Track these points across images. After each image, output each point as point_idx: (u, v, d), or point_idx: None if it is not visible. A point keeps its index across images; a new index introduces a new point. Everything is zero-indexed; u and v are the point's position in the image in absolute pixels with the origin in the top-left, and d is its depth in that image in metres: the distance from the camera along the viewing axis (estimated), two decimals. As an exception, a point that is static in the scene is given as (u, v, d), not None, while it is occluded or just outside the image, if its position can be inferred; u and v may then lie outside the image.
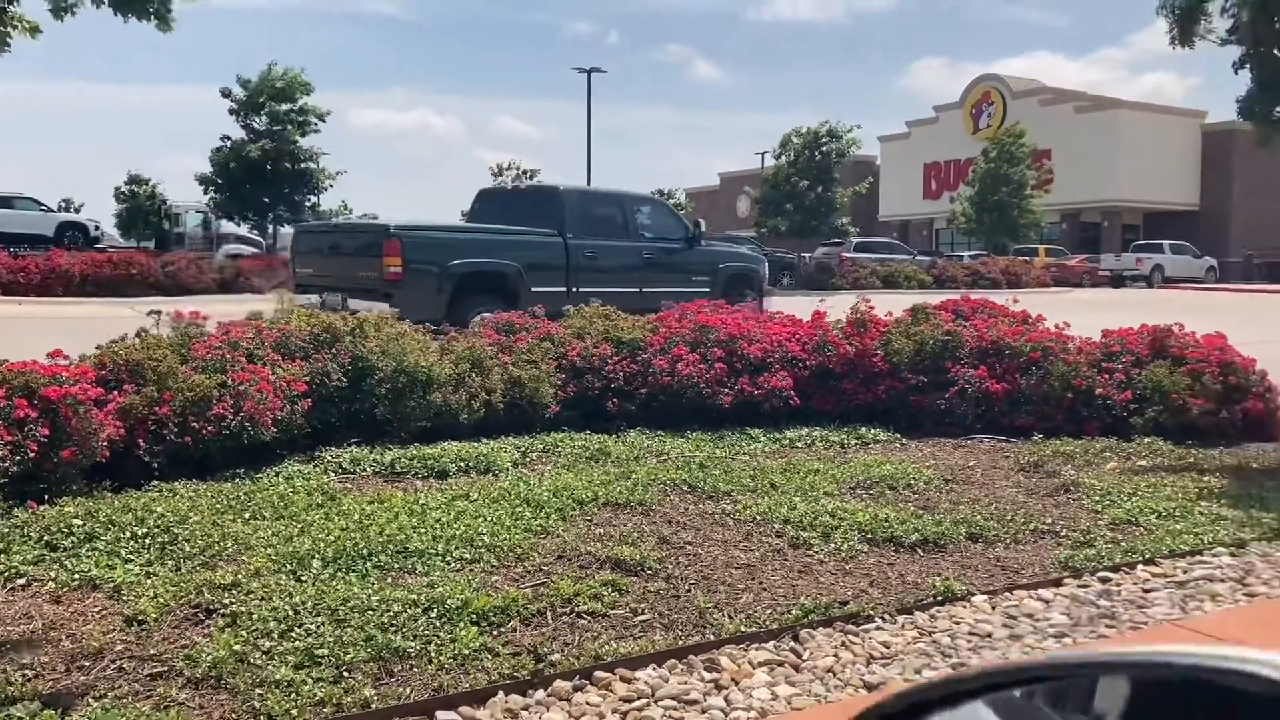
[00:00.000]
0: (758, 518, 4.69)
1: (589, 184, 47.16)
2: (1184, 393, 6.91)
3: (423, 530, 4.26)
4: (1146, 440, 6.62)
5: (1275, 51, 6.26)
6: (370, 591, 3.55)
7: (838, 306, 8.90)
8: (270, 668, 2.96)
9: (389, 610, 3.38)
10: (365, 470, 5.57)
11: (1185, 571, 4.13)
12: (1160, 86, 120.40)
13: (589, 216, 13.32)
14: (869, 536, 4.43)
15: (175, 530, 4.19)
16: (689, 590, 3.74)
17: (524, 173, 48.26)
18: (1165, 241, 46.31)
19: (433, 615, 3.38)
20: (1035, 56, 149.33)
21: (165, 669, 2.99)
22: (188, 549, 4.01)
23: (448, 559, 3.97)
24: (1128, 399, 7.03)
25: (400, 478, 5.47)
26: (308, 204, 36.59)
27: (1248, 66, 6.28)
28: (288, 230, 38.31)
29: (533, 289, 11.68)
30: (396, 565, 3.90)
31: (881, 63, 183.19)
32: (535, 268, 12.24)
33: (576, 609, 3.51)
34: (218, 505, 4.65)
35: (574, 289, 12.32)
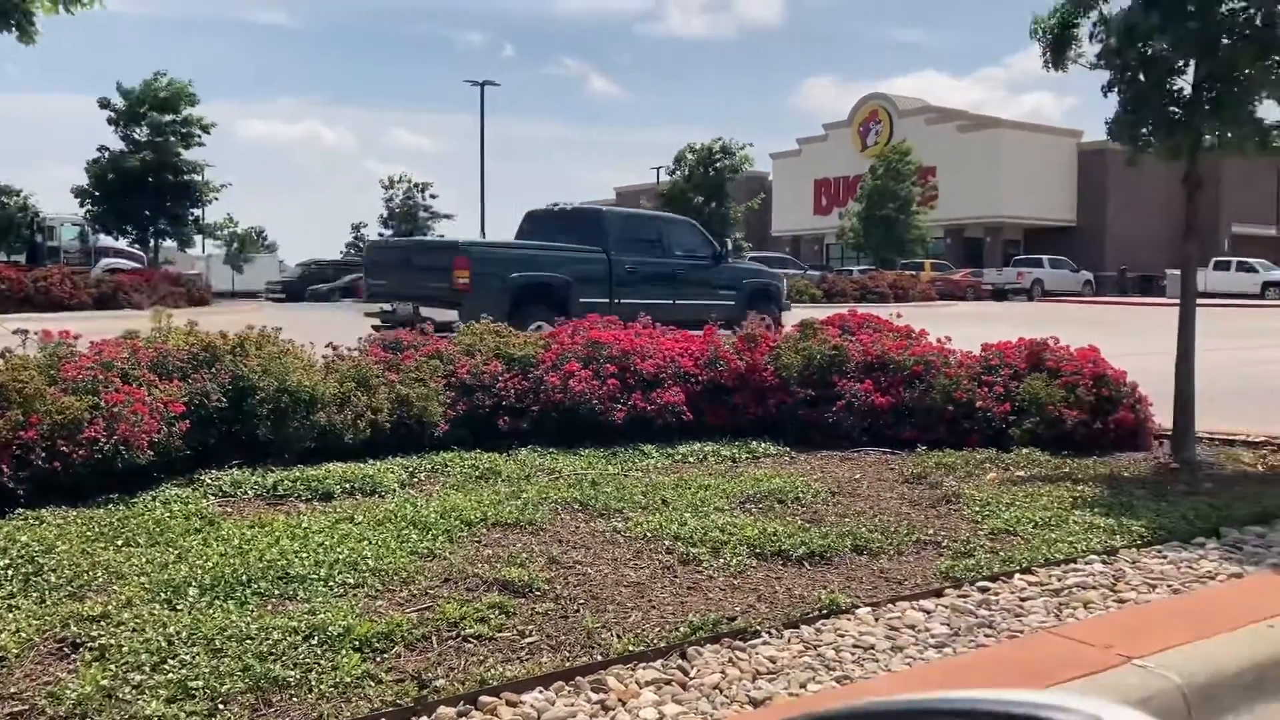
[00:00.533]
0: (649, 535, 4.69)
1: (482, 197, 47.47)
2: (1059, 404, 7.14)
3: (305, 555, 4.15)
4: (1025, 451, 6.82)
5: (1141, 76, 6.54)
6: (249, 619, 3.44)
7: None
8: (140, 703, 2.84)
9: (268, 639, 3.28)
10: (246, 493, 5.41)
11: (1060, 580, 4.26)
12: (1040, 106, 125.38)
13: (628, 236, 14.91)
14: (758, 551, 4.47)
15: (40, 560, 4.01)
16: (577, 610, 3.72)
17: (415, 186, 47.79)
18: (1044, 256, 48.12)
19: (314, 642, 3.29)
20: (921, 76, 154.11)
21: (26, 708, 2.85)
22: (54, 580, 3.83)
23: (330, 584, 3.88)
24: (1007, 411, 7.24)
25: (283, 500, 5.33)
26: (190, 217, 35.58)
27: (1116, 90, 6.52)
28: (170, 244, 37.24)
29: (580, 299, 13.25)
30: (277, 591, 3.79)
31: (773, 80, 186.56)
32: (582, 280, 13.73)
33: (462, 632, 3.46)
34: (88, 533, 4.46)
35: (616, 300, 13.65)
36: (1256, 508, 5.38)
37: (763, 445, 7.13)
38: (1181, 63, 6.43)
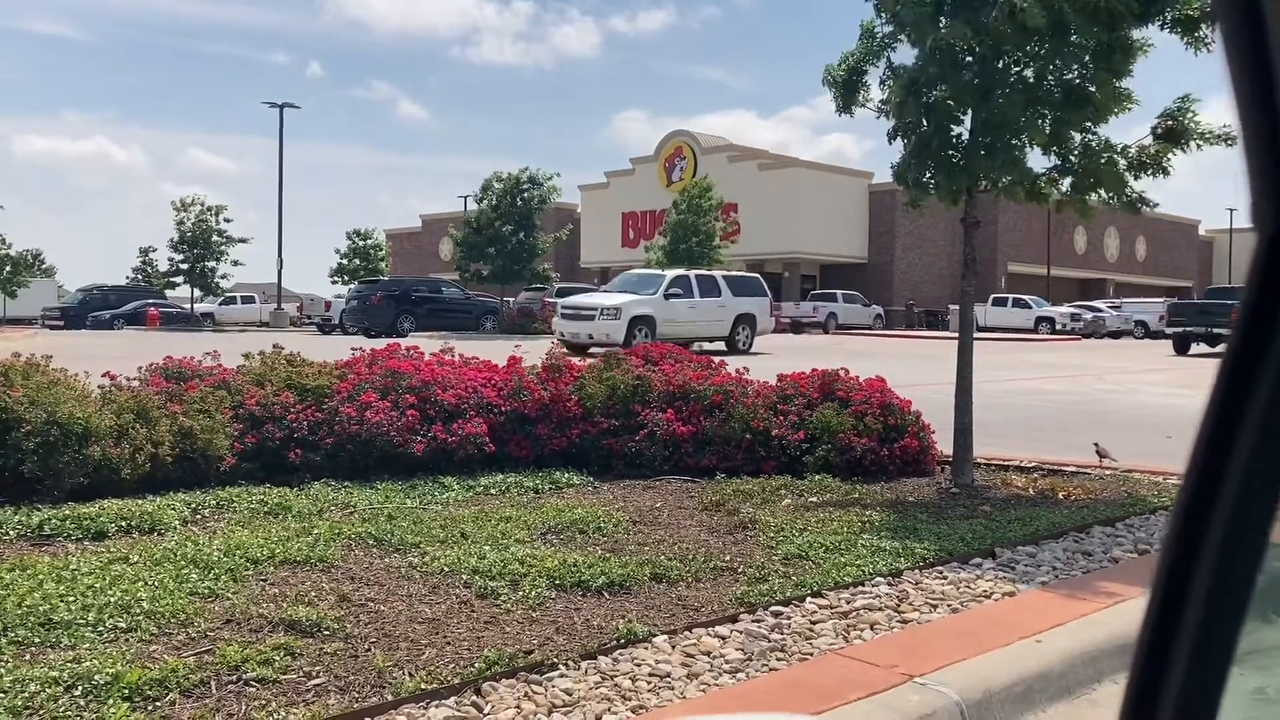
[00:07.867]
0: (446, 569, 4.59)
1: (280, 221, 46.70)
2: (850, 432, 7.42)
3: (71, 598, 3.87)
4: (817, 477, 7.05)
5: (924, 122, 6.93)
6: (3, 671, 3.17)
7: (536, 351, 8.97)
8: None
9: (24, 691, 3.03)
10: (8, 534, 5.02)
11: (848, 602, 4.40)
12: (841, 147, 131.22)
13: (1211, 298, 29.53)
14: (557, 582, 4.44)
15: None
16: (368, 649, 3.59)
17: (209, 209, 45.98)
18: (839, 291, 50.18)
19: (77, 693, 3.06)
20: (731, 114, 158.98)
21: None
22: None
23: (99, 629, 3.63)
24: (801, 439, 7.47)
25: (49, 541, 4.96)
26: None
27: (900, 136, 6.91)
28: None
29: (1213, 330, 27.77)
30: (37, 639, 3.52)
31: (588, 113, 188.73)
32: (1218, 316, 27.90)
33: (244, 676, 3.28)
34: None
35: (1212, 330, 27.17)
36: (1028, 529, 5.72)
37: (566, 475, 7.12)
38: (960, 111, 6.82)
